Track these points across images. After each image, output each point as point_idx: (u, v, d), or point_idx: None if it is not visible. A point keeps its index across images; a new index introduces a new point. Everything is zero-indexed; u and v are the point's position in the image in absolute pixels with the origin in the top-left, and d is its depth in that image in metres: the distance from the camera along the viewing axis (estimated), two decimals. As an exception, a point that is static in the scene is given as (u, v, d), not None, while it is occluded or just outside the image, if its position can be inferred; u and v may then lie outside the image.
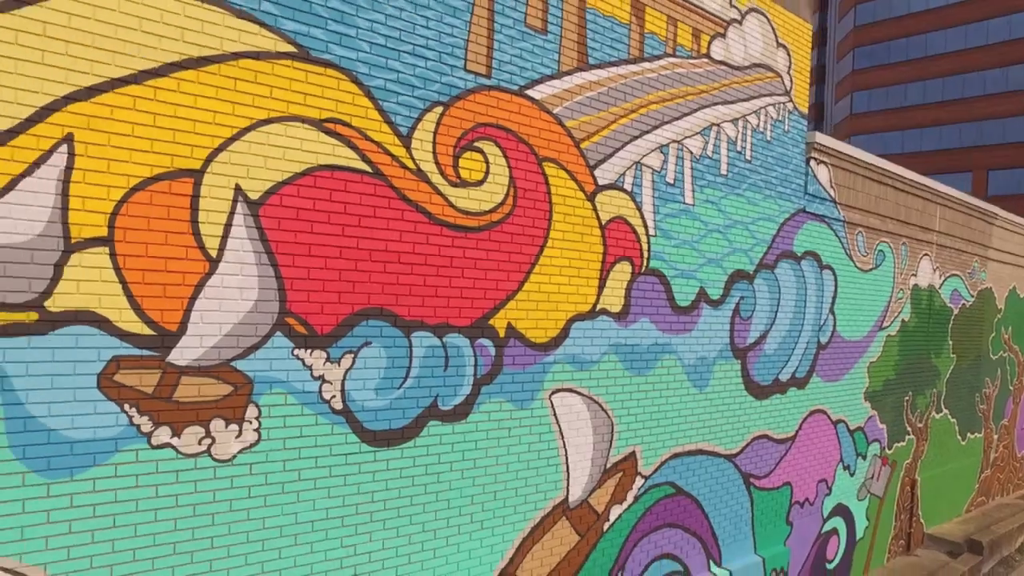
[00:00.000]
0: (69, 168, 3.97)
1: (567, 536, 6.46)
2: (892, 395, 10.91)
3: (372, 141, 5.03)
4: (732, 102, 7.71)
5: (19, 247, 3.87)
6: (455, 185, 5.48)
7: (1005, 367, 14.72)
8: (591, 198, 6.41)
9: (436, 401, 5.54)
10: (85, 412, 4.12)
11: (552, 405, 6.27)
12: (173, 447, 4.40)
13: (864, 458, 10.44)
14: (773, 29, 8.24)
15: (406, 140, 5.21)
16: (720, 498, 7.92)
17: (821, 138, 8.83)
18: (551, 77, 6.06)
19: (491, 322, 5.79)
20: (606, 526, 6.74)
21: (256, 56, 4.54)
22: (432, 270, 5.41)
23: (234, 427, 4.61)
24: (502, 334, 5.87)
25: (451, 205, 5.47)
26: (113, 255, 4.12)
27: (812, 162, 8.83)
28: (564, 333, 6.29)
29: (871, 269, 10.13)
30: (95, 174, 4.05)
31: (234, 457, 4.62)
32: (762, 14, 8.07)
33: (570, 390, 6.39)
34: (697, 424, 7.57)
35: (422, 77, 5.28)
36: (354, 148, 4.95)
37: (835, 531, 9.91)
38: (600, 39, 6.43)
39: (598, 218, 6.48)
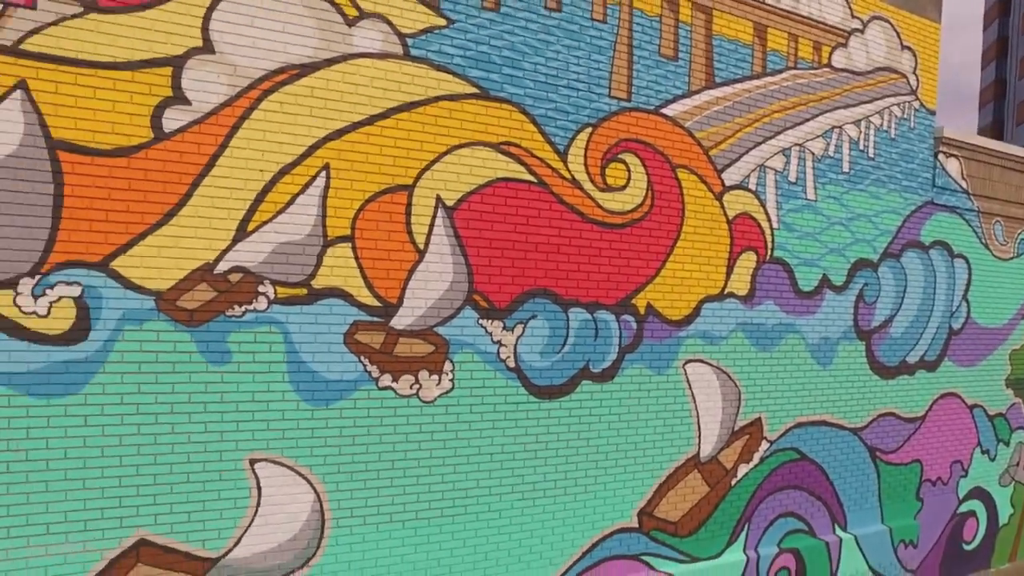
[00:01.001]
0: (326, 187, 5.64)
1: (698, 487, 7.53)
2: (1038, 384, 10.91)
3: (537, 158, 6.41)
4: (854, 105, 8.42)
5: (295, 243, 5.57)
6: (603, 190, 6.75)
7: None
8: (719, 197, 7.45)
9: (588, 365, 6.83)
10: (335, 360, 5.78)
11: (685, 373, 7.38)
12: (393, 389, 5.99)
13: (1007, 444, 10.57)
14: (897, 33, 8.82)
15: (563, 155, 6.55)
16: (844, 467, 8.63)
17: (950, 132, 9.24)
18: (682, 96, 7.18)
19: (633, 301, 7.00)
20: (733, 481, 7.74)
21: (450, 98, 6.04)
22: (585, 259, 6.71)
23: (435, 377, 6.14)
24: (642, 311, 7.06)
25: (599, 206, 6.74)
26: (354, 248, 5.76)
27: (941, 156, 9.26)
28: (696, 312, 7.38)
29: (1012, 258, 10.29)
30: (342, 191, 5.70)
31: (435, 400, 6.15)
32: (885, 20, 8.69)
33: (701, 361, 7.47)
34: (821, 398, 8.36)
35: (575, 105, 6.59)
36: (523, 164, 6.35)
37: (973, 513, 10.18)
38: (725, 60, 7.45)
39: (725, 214, 7.50)
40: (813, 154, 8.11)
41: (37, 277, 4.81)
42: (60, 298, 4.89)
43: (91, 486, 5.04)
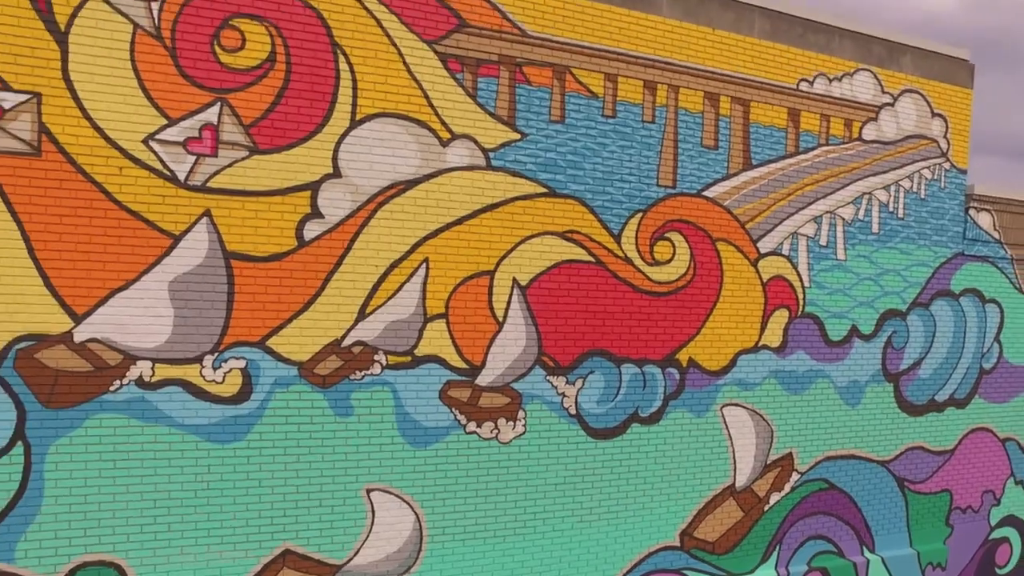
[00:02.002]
0: (426, 276, 7.12)
1: (733, 512, 8.75)
2: (1076, 417, 11.52)
3: (595, 242, 7.74)
4: (884, 172, 9.38)
5: (402, 321, 7.08)
6: (651, 264, 8.03)
7: None
8: (754, 264, 8.60)
9: (637, 410, 8.14)
10: (432, 411, 7.28)
11: (723, 415, 8.59)
12: (477, 433, 7.45)
13: (1040, 474, 11.29)
14: (928, 103, 9.69)
15: (617, 238, 7.85)
16: (873, 495, 9.66)
17: (981, 188, 10.05)
18: (722, 179, 8.36)
19: (677, 356, 8.27)
20: (766, 507, 8.92)
21: (524, 198, 7.43)
22: (635, 323, 8.01)
23: (511, 423, 7.58)
24: (685, 364, 8.32)
25: (648, 279, 8.02)
26: (447, 322, 7.23)
27: (972, 210, 10.08)
28: (732, 363, 8.58)
29: (1046, 301, 10.96)
30: (438, 278, 7.17)
31: (510, 441, 7.59)
32: (916, 92, 9.58)
33: (737, 404, 8.66)
34: (849, 434, 9.41)
35: (627, 195, 7.88)
36: (584, 247, 7.69)
37: (1006, 540, 10.97)
38: (761, 144, 8.57)
39: (760, 278, 8.65)
40: (844, 219, 9.14)
41: (216, 354, 6.47)
42: (231, 369, 6.54)
43: (251, 508, 6.70)
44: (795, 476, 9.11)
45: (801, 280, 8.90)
